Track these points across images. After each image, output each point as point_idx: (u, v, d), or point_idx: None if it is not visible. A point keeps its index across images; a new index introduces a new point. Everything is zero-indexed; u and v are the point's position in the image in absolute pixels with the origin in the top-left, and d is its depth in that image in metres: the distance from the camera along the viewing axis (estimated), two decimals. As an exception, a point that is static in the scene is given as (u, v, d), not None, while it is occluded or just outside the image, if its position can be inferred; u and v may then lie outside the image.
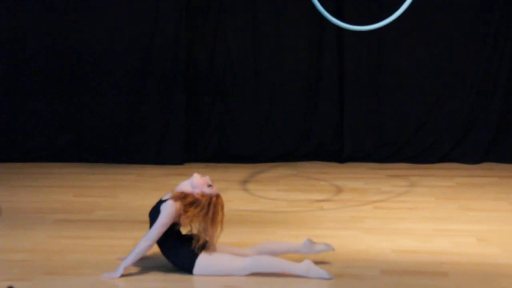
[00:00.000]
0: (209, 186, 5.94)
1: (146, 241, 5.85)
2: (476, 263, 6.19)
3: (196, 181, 5.94)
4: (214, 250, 5.92)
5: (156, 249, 5.99)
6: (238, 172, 9.36)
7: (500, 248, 6.55)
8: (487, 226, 7.15)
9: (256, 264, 5.87)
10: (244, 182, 8.87)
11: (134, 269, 5.99)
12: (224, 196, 8.06)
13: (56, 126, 9.78)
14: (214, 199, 5.93)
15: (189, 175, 6.05)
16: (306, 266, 5.84)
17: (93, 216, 7.50)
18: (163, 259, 6.01)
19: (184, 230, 5.99)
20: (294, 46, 9.77)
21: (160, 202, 5.96)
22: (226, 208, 7.59)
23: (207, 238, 5.88)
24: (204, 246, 5.89)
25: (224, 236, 6.05)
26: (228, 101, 9.86)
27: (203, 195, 5.91)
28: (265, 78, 9.82)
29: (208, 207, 5.89)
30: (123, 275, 5.85)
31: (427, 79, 9.74)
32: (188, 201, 5.87)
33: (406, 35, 9.66)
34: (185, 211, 5.85)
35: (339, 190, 8.50)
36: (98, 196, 8.22)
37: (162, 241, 5.92)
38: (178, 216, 5.86)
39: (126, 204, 7.94)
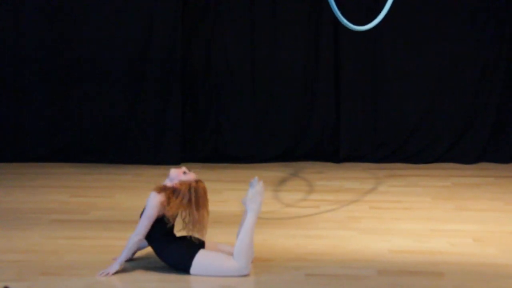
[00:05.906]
0: (185, 173, 5.96)
1: (136, 235, 5.89)
2: (472, 263, 6.19)
3: (172, 173, 6.00)
4: (207, 240, 5.91)
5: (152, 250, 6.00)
6: (235, 172, 9.36)
7: (496, 248, 6.56)
8: (483, 226, 7.16)
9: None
10: (241, 182, 8.86)
11: (131, 270, 5.98)
12: (221, 197, 8.11)
13: (53, 126, 9.77)
14: (193, 184, 5.93)
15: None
16: None
17: (90, 217, 7.49)
18: (159, 260, 6.00)
19: (178, 233, 5.99)
20: (290, 47, 9.77)
21: (149, 201, 6.00)
22: (223, 209, 7.62)
23: (197, 226, 5.88)
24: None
25: (221, 236, 6.05)
26: (225, 102, 9.85)
27: (181, 183, 5.93)
28: (262, 78, 9.82)
29: (189, 193, 5.90)
30: (118, 272, 5.87)
31: (423, 80, 9.74)
32: (168, 192, 5.89)
33: (403, 36, 9.66)
34: (168, 203, 5.87)
35: (335, 190, 8.50)
36: (94, 197, 8.22)
37: (158, 245, 5.92)
38: (163, 208, 5.87)
39: (122, 205, 7.93)
